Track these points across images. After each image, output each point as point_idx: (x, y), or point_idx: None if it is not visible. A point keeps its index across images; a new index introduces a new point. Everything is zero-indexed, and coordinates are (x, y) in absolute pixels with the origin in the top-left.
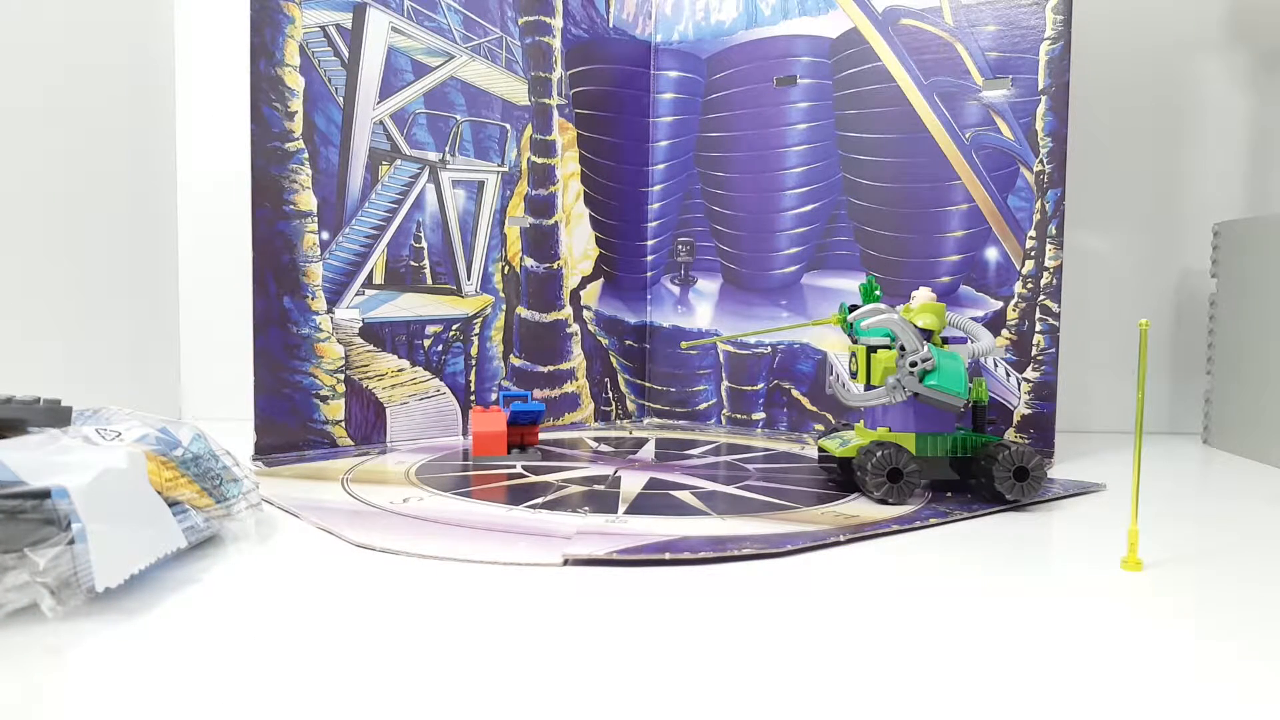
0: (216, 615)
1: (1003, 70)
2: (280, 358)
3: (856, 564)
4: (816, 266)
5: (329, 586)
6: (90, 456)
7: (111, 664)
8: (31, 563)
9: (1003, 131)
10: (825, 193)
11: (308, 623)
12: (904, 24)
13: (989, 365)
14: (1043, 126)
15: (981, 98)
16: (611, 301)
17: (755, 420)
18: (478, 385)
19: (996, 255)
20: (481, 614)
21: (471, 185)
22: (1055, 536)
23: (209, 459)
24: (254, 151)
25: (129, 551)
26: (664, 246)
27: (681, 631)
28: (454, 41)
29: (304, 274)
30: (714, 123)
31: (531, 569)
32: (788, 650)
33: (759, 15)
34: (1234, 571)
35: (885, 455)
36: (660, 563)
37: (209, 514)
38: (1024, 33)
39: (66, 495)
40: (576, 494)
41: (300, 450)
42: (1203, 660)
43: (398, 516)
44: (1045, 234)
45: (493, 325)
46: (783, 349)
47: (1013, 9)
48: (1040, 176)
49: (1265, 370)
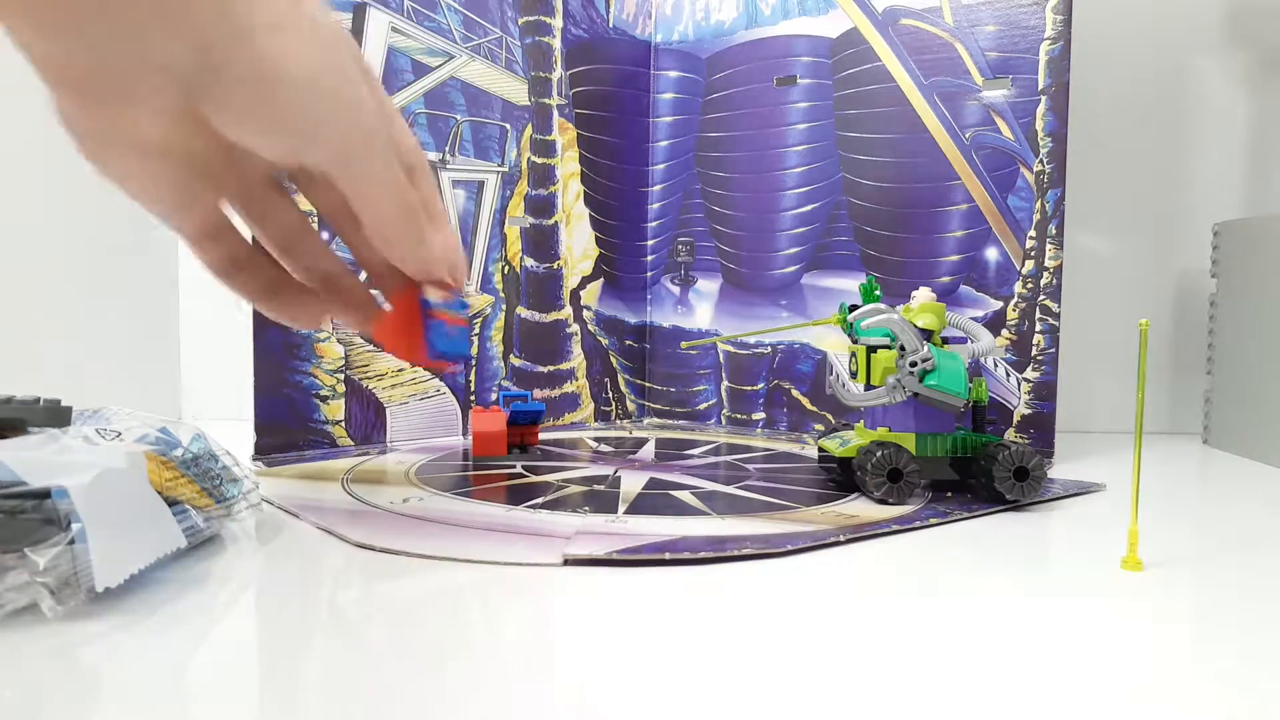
0: (216, 615)
1: (1003, 70)
2: (280, 358)
3: (856, 564)
4: (816, 266)
5: (329, 586)
6: (90, 456)
7: (111, 664)
8: (31, 563)
9: (1003, 131)
10: (825, 193)
11: (308, 623)
12: (904, 24)
13: (989, 365)
14: (1043, 126)
15: (981, 98)
16: (611, 301)
17: (755, 420)
18: (478, 385)
19: (996, 255)
20: (481, 614)
21: (471, 185)
22: (1055, 536)
23: (209, 459)
24: None
25: (129, 551)
26: (664, 246)
27: (682, 631)
28: (454, 41)
29: None
30: (714, 123)
31: (531, 569)
32: (788, 650)
33: (759, 15)
34: (1234, 572)
35: (885, 455)
36: (660, 563)
37: (209, 514)
38: (1024, 33)
39: (66, 495)
40: (576, 494)
41: (300, 450)
42: (1203, 660)
43: (398, 516)
44: (1045, 234)
45: (493, 325)
46: (783, 349)
47: (1013, 9)
48: (1040, 176)
49: (1265, 370)
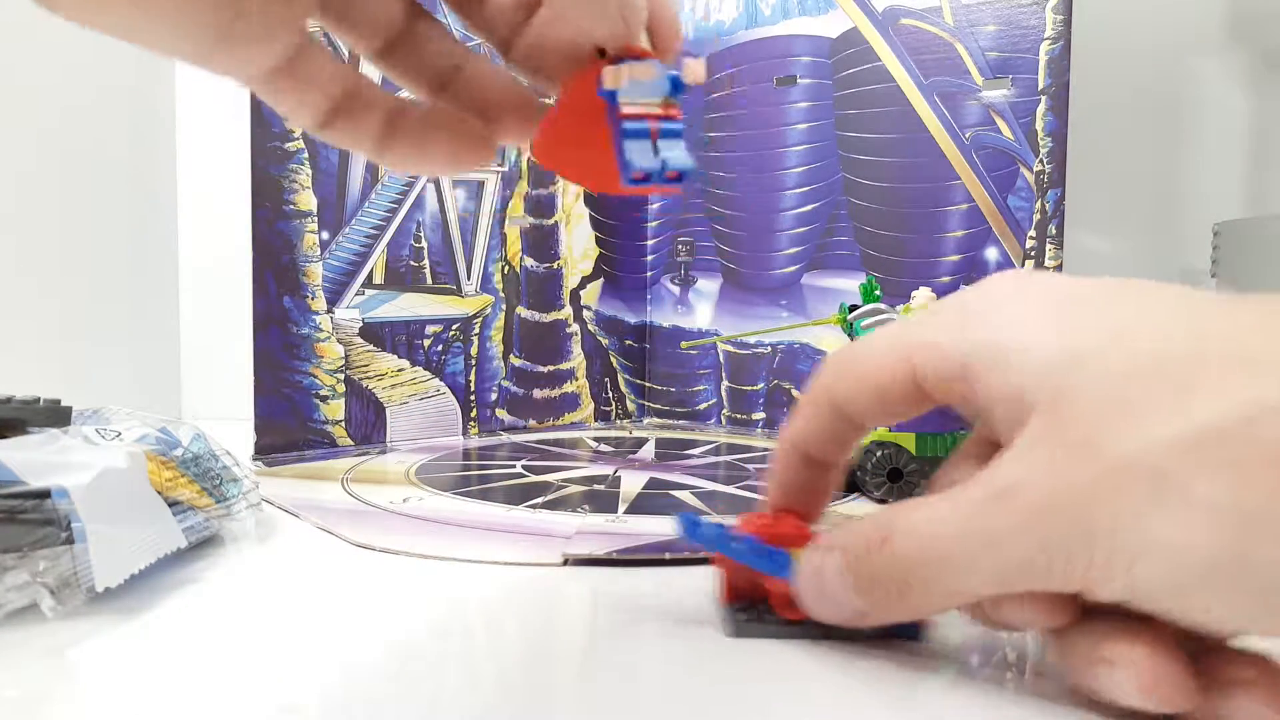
0: (216, 615)
1: (1003, 70)
2: (280, 358)
3: None
4: (817, 266)
5: (329, 586)
6: (90, 456)
7: (111, 664)
8: (31, 563)
9: (1003, 131)
10: (825, 193)
11: (307, 623)
12: (904, 24)
13: None
14: (1043, 126)
15: (981, 98)
16: (611, 301)
17: (755, 420)
18: (478, 385)
19: (996, 255)
20: (481, 614)
21: (471, 185)
22: None
23: (209, 459)
24: (254, 151)
25: (129, 551)
26: (664, 246)
27: (682, 631)
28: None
29: (304, 274)
30: (714, 123)
31: (531, 569)
32: (787, 650)
33: (759, 15)
34: None
35: (885, 455)
36: (660, 562)
37: (209, 514)
38: (1024, 33)
39: (66, 495)
40: (576, 494)
41: (300, 450)
42: None
43: (398, 516)
44: (1045, 234)
45: (492, 325)
46: (783, 349)
47: (1013, 9)
48: (1040, 176)
49: None
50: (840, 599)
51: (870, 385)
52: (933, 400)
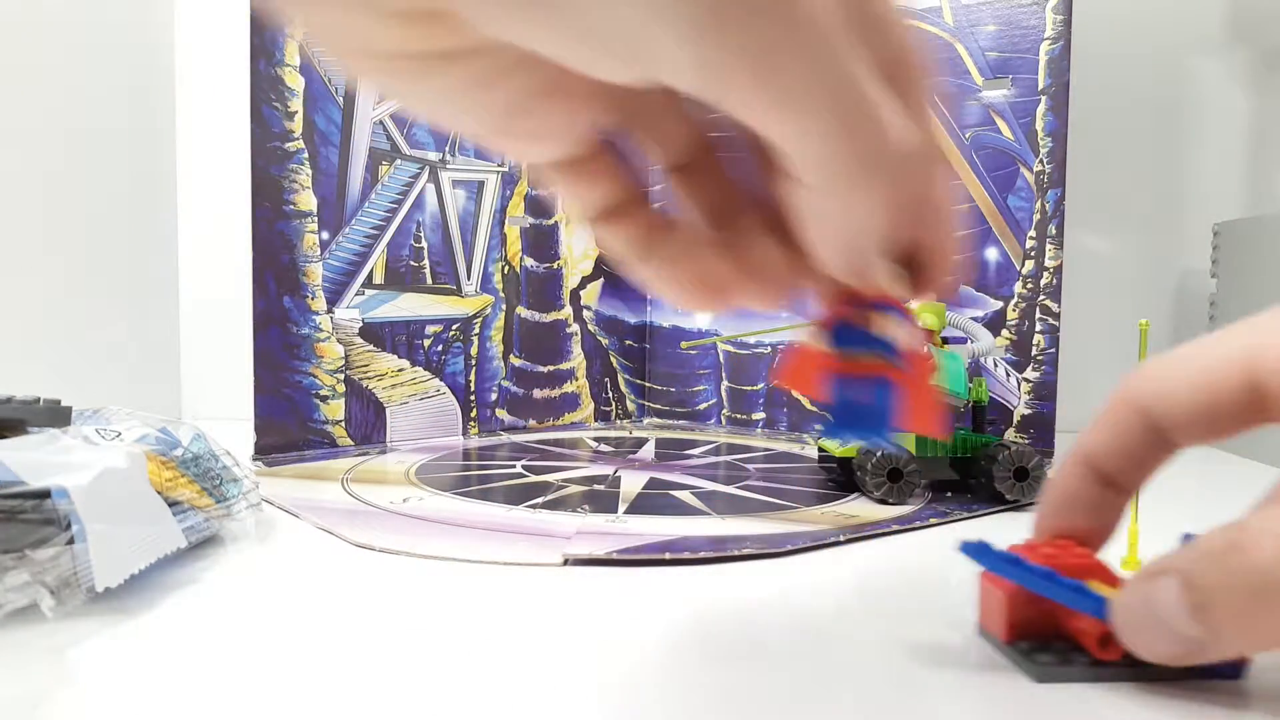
0: (216, 615)
1: (1003, 70)
2: (280, 357)
3: (856, 564)
4: None
5: (329, 586)
6: (90, 456)
7: (111, 664)
8: (31, 563)
9: (1003, 131)
10: None
11: (307, 623)
12: None
13: (989, 365)
14: (1043, 126)
15: (981, 98)
16: (611, 301)
17: (755, 420)
18: (478, 385)
19: (996, 255)
20: (481, 614)
21: (471, 185)
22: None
23: (209, 459)
24: (254, 151)
25: (129, 551)
26: None
27: (682, 631)
28: None
29: (304, 274)
30: (714, 122)
31: (531, 569)
32: (788, 650)
33: None
34: None
35: (885, 455)
36: (660, 562)
37: (209, 514)
38: (1024, 33)
39: (66, 495)
40: (576, 494)
41: (300, 450)
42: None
43: (398, 516)
44: (1045, 234)
45: (493, 325)
46: (783, 349)
47: (1013, 9)
48: (1040, 176)
49: None
50: (1174, 628)
51: (1199, 395)
52: (1270, 417)
